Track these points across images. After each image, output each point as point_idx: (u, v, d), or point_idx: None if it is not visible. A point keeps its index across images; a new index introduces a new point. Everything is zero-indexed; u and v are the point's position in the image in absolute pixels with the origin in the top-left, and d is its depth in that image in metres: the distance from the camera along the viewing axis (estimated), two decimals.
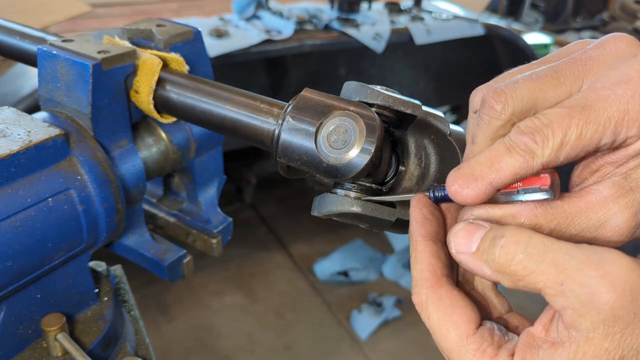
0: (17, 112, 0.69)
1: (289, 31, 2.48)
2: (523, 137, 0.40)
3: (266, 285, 3.16)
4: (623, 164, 0.42)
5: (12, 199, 0.61)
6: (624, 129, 0.40)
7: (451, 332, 0.42)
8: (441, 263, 0.45)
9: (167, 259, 0.80)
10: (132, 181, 0.75)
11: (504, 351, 0.41)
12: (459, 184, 0.42)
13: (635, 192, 0.42)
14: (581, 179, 0.45)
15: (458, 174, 0.42)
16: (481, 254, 0.41)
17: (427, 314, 0.43)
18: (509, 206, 0.43)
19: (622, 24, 4.42)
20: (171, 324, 2.86)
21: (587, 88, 0.41)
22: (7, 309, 0.66)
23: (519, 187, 0.42)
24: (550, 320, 0.40)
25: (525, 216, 0.42)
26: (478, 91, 0.47)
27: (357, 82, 0.54)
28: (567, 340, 0.37)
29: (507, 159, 0.41)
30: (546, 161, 0.40)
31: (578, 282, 0.36)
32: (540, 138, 0.40)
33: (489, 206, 0.44)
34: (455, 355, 0.42)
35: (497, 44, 3.16)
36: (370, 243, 3.42)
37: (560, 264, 0.37)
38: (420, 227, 0.46)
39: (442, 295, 0.43)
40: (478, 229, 0.42)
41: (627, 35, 0.43)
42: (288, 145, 0.54)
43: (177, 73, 0.72)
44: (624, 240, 0.42)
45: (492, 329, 0.42)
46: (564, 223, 0.42)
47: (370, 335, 2.83)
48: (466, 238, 0.42)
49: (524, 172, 0.41)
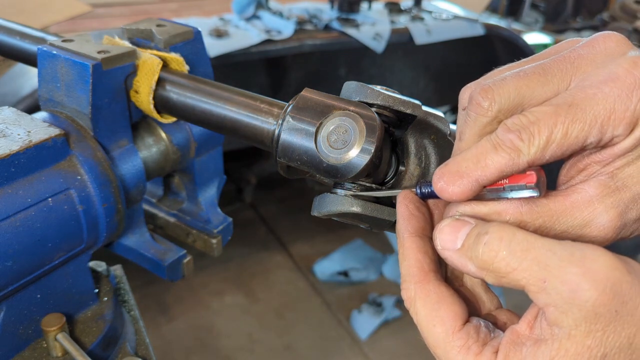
0: (17, 112, 0.69)
1: (289, 31, 2.48)
2: (509, 135, 0.40)
3: (266, 285, 3.16)
4: (609, 163, 0.42)
5: (12, 199, 0.61)
6: (611, 127, 0.40)
7: (437, 328, 0.42)
8: (428, 259, 0.45)
9: (167, 259, 0.80)
10: (132, 181, 0.75)
11: (488, 348, 0.41)
12: (445, 180, 0.42)
13: (621, 191, 0.42)
14: (568, 177, 0.45)
15: (444, 171, 0.42)
16: (466, 251, 0.41)
17: (415, 309, 0.44)
18: (495, 203, 0.43)
19: (622, 24, 4.41)
20: (171, 324, 2.86)
21: (574, 86, 0.41)
22: (7, 309, 0.66)
23: (505, 184, 0.42)
24: (534, 318, 0.40)
25: (511, 214, 0.42)
26: (467, 88, 0.47)
27: (357, 82, 0.54)
28: (550, 337, 0.38)
29: (493, 156, 0.41)
30: (532, 159, 0.40)
31: (560, 279, 0.36)
32: (526, 136, 0.40)
33: (474, 203, 0.44)
34: (441, 351, 0.42)
35: (497, 44, 3.16)
36: (370, 243, 3.42)
37: (542, 261, 0.37)
38: (406, 223, 0.46)
39: (430, 291, 0.43)
40: (463, 226, 0.42)
41: (616, 34, 0.43)
42: (288, 145, 0.54)
43: (177, 73, 0.72)
44: (609, 239, 0.42)
45: (478, 326, 0.42)
46: (549, 221, 0.42)
47: (370, 335, 2.83)
48: (451, 234, 0.42)
49: (509, 170, 0.41)
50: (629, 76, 0.40)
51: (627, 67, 0.40)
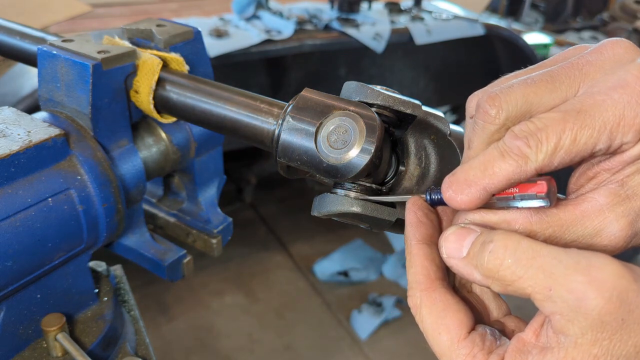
0: (17, 112, 0.69)
1: (289, 31, 2.48)
2: (517, 142, 0.40)
3: (266, 285, 3.16)
4: (619, 170, 0.42)
5: (12, 199, 0.61)
6: (620, 134, 0.39)
7: (443, 336, 0.42)
8: (435, 266, 0.45)
9: (167, 259, 0.80)
10: (132, 181, 0.75)
11: (494, 356, 0.40)
12: (454, 189, 0.42)
13: (632, 200, 0.41)
14: (577, 186, 0.45)
15: (452, 180, 0.42)
16: (471, 259, 0.41)
17: (421, 317, 0.44)
18: (505, 212, 0.43)
19: (622, 24, 4.41)
20: (171, 324, 2.86)
21: (583, 93, 0.41)
22: (7, 309, 0.66)
23: (516, 193, 0.41)
24: (540, 326, 0.40)
25: (520, 223, 0.42)
26: (474, 96, 0.47)
27: (357, 82, 0.54)
28: (556, 345, 0.37)
29: (501, 163, 0.40)
30: (540, 166, 0.40)
31: (566, 288, 0.36)
32: (534, 142, 0.39)
33: (484, 211, 0.43)
34: (447, 359, 0.42)
35: (497, 44, 3.16)
36: (370, 243, 3.42)
37: (548, 269, 0.37)
38: (414, 230, 0.46)
39: (435, 299, 0.43)
40: (469, 234, 0.42)
41: (625, 40, 0.43)
42: (288, 145, 0.54)
43: (177, 73, 0.72)
44: (619, 248, 0.42)
45: (484, 334, 0.42)
46: (559, 231, 0.42)
47: (370, 335, 2.83)
48: (457, 242, 0.42)
49: (517, 177, 0.40)
50: (638, 83, 0.39)
51: (636, 74, 0.40)
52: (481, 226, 0.43)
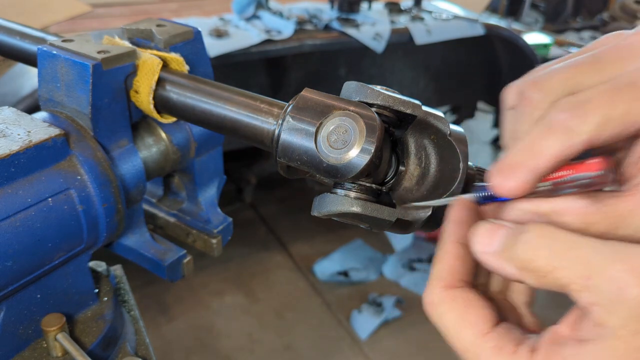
0: (17, 112, 0.69)
1: (289, 31, 2.48)
2: (561, 115, 0.37)
3: (266, 285, 3.16)
4: None
5: (12, 199, 0.61)
6: None
7: (466, 331, 0.40)
8: (464, 268, 0.43)
9: (167, 259, 0.80)
10: (132, 181, 0.75)
11: (523, 347, 0.38)
12: (501, 176, 0.39)
13: None
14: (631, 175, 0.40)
15: (498, 167, 0.39)
16: (503, 252, 0.38)
17: (440, 314, 0.41)
18: (558, 200, 0.39)
19: (622, 24, 4.42)
20: (171, 324, 2.86)
21: (633, 69, 0.38)
22: (7, 309, 0.66)
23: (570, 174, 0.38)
24: (576, 319, 0.38)
25: (575, 214, 0.39)
26: (512, 86, 0.44)
27: (357, 82, 0.54)
28: (596, 337, 0.35)
29: (546, 140, 0.37)
30: (588, 138, 0.36)
31: (605, 277, 0.34)
32: (580, 113, 0.36)
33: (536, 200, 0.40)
34: (471, 355, 0.40)
35: (497, 44, 3.16)
36: (370, 243, 3.42)
37: (585, 259, 0.35)
38: (455, 228, 0.44)
39: (456, 296, 0.41)
40: (500, 228, 0.39)
41: None
42: (288, 145, 0.54)
43: (177, 73, 0.72)
44: None
45: (510, 327, 0.40)
46: (614, 223, 0.38)
47: (370, 335, 2.83)
48: (487, 236, 0.40)
49: (565, 153, 0.37)
50: None
51: None
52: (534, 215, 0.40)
